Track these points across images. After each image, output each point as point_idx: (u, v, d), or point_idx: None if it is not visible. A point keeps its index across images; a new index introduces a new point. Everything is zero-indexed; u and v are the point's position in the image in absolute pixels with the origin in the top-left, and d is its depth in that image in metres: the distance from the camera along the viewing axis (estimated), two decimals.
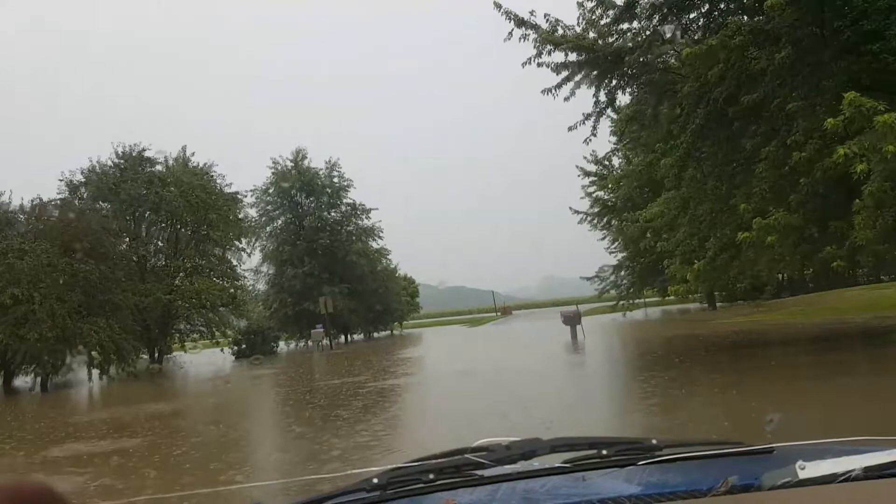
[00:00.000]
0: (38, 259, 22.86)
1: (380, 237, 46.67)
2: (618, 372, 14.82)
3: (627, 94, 16.38)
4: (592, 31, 15.81)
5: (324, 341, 34.82)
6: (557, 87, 15.91)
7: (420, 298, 64.36)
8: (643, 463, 1.31)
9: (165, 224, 30.10)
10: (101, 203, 29.21)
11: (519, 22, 14.63)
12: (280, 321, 41.39)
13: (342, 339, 44.19)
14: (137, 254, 29.16)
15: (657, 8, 13.93)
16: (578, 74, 16.03)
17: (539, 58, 15.95)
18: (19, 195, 38.53)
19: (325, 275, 41.38)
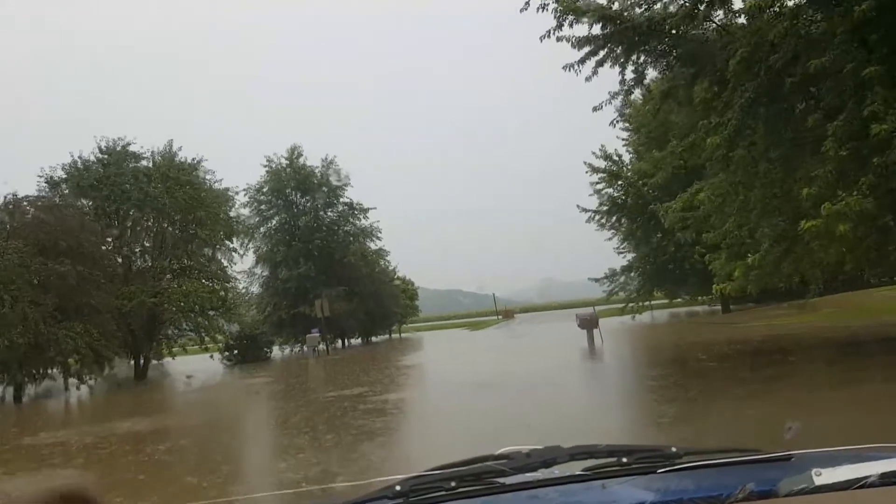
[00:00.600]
0: (9, 259, 21.07)
1: (378, 237, 44.94)
2: (662, 385, 12.85)
3: (657, 72, 14.76)
4: (618, 1, 14.25)
5: (320, 346, 33.01)
6: (581, 62, 14.27)
7: (418, 301, 62.56)
8: (663, 471, 1.34)
9: (151, 222, 28.25)
10: (83, 200, 27.43)
11: None
12: (274, 325, 39.63)
13: (339, 344, 42.41)
14: (121, 254, 27.33)
15: None
16: (602, 51, 14.43)
17: (559, 30, 14.35)
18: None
19: (322, 276, 39.60)
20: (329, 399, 13.69)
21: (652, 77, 14.73)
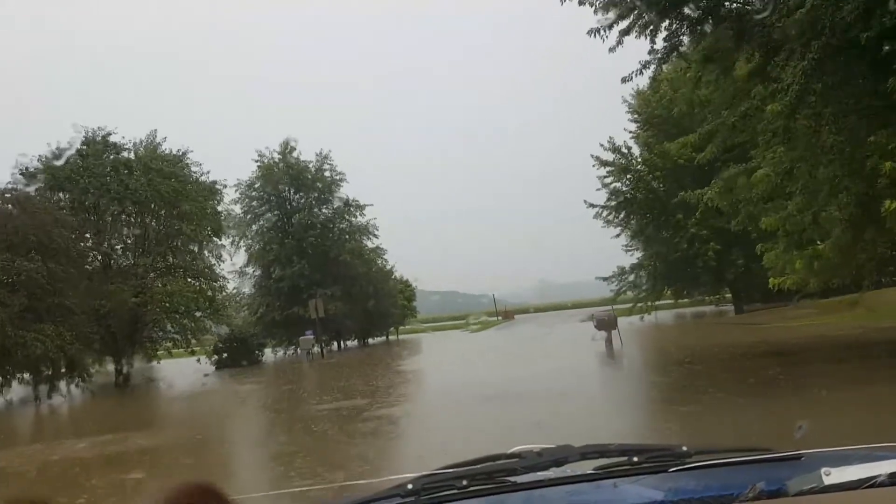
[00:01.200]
0: None
1: (375, 235, 43.13)
2: (725, 399, 10.90)
3: (692, 39, 13.09)
4: None
5: (314, 349, 31.25)
6: (609, 27, 12.60)
7: (415, 303, 60.79)
8: (673, 470, 1.35)
9: (133, 217, 26.41)
10: (61, 193, 25.64)
11: None
12: (266, 327, 37.84)
13: (335, 346, 40.64)
14: (100, 250, 25.51)
15: None
16: (629, 17, 12.78)
17: None
18: None
19: (316, 276, 37.81)
20: (322, 413, 11.89)
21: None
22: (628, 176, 35.14)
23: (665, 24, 12.70)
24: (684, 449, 1.37)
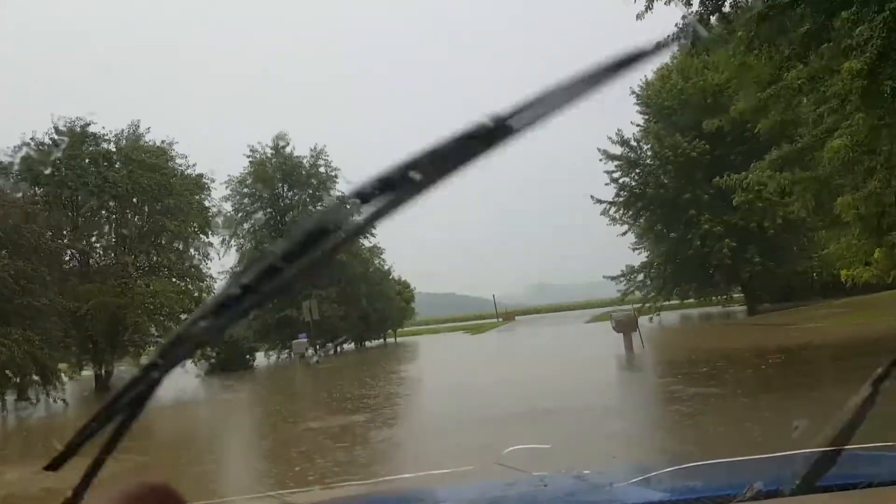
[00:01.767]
0: None
1: (372, 234, 41.35)
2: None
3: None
4: None
5: (308, 353, 29.54)
6: None
7: (413, 304, 59.03)
8: (671, 469, 1.37)
9: (114, 212, 24.66)
10: (36, 188, 23.90)
11: None
12: (259, 330, 36.08)
13: (331, 350, 38.92)
14: (77, 248, 23.76)
15: None
16: None
17: None
18: None
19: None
20: (312, 432, 10.16)
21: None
22: (637, 170, 33.62)
23: None
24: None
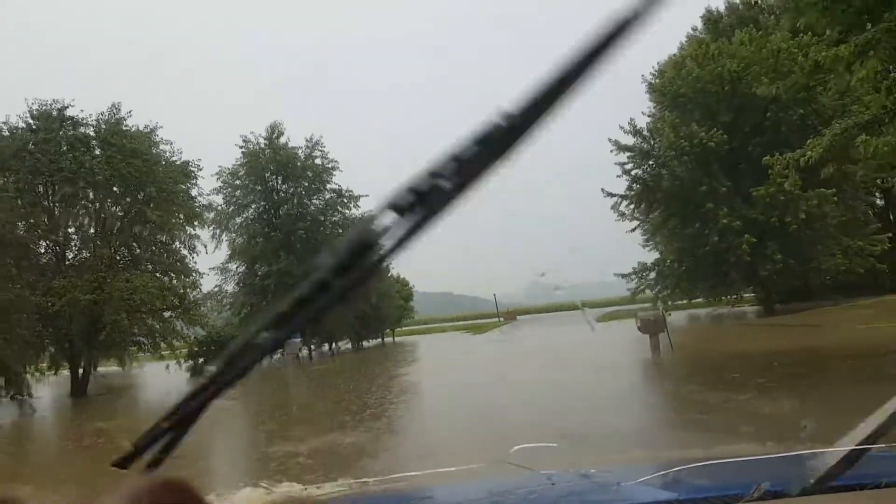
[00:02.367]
0: None
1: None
2: None
3: None
4: None
5: (302, 353, 27.77)
6: None
7: (412, 303, 57.23)
8: (679, 469, 1.34)
9: (92, 202, 22.83)
10: (7, 175, 22.08)
11: None
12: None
13: (327, 349, 37.18)
14: (51, 240, 21.94)
15: None
16: None
17: None
18: None
19: (305, 272, 34.28)
20: (300, 457, 8.39)
21: None
22: (650, 162, 31.90)
23: None
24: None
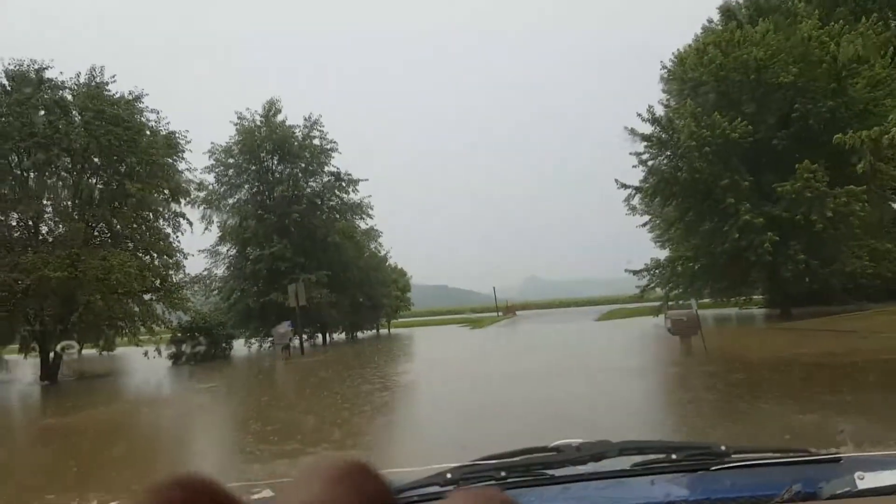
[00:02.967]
0: None
1: (369, 215, 37.84)
2: None
3: None
4: None
5: (293, 342, 26.03)
6: None
7: (409, 294, 55.57)
8: (711, 469, 1.34)
9: (67, 171, 20.97)
10: None
11: None
12: (241, 315, 32.61)
13: (319, 340, 35.45)
14: (19, 211, 20.11)
15: None
16: None
17: None
18: None
19: (300, 258, 32.55)
20: (282, 466, 6.70)
21: None
22: (667, 153, 30.15)
23: None
24: (723, 448, 1.36)
